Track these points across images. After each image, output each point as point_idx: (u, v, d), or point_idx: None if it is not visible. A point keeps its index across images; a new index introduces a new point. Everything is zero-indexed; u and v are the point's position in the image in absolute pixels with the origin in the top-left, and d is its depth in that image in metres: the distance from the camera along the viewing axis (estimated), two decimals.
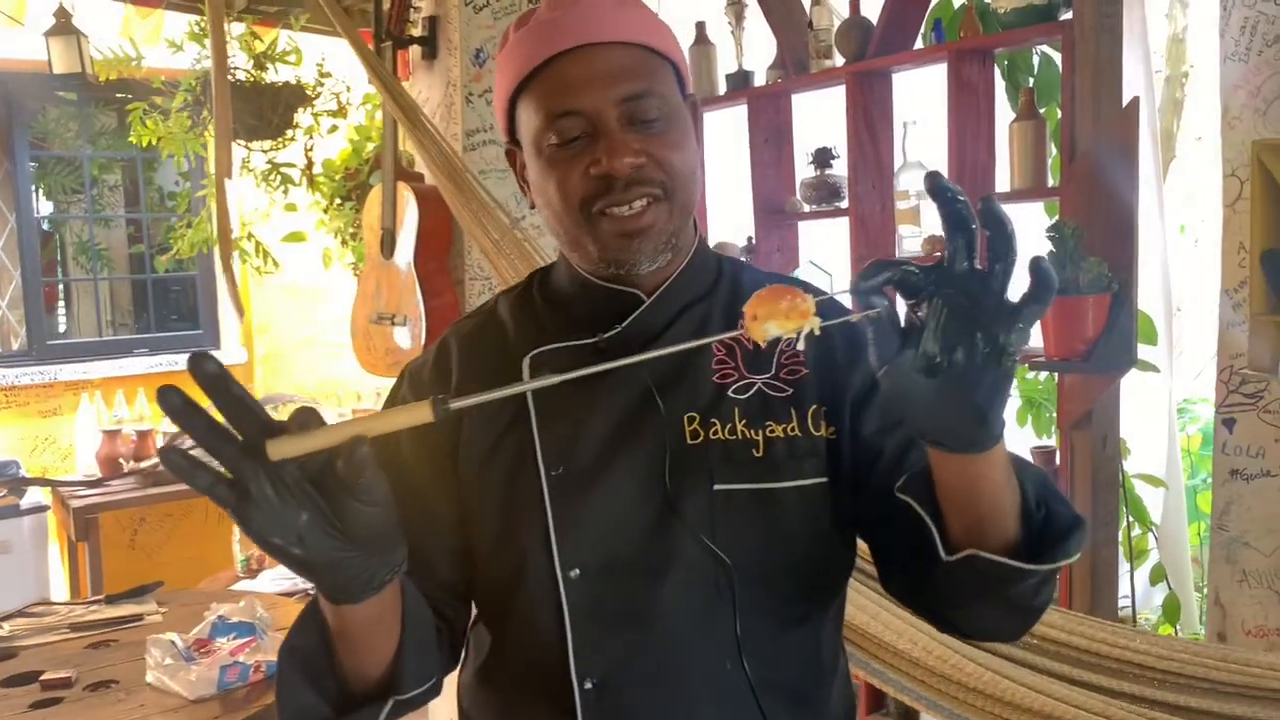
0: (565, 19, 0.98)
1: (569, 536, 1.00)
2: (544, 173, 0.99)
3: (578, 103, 0.96)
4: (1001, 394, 0.77)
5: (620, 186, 0.96)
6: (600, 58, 0.97)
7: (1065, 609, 1.82)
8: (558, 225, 1.02)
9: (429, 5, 2.82)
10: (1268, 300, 2.07)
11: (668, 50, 1.02)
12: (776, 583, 1.01)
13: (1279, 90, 2.16)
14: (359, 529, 0.77)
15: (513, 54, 1.00)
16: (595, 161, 0.96)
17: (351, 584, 0.82)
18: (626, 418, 1.02)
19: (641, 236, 0.98)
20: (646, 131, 0.97)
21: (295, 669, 0.92)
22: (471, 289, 2.80)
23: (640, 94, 0.97)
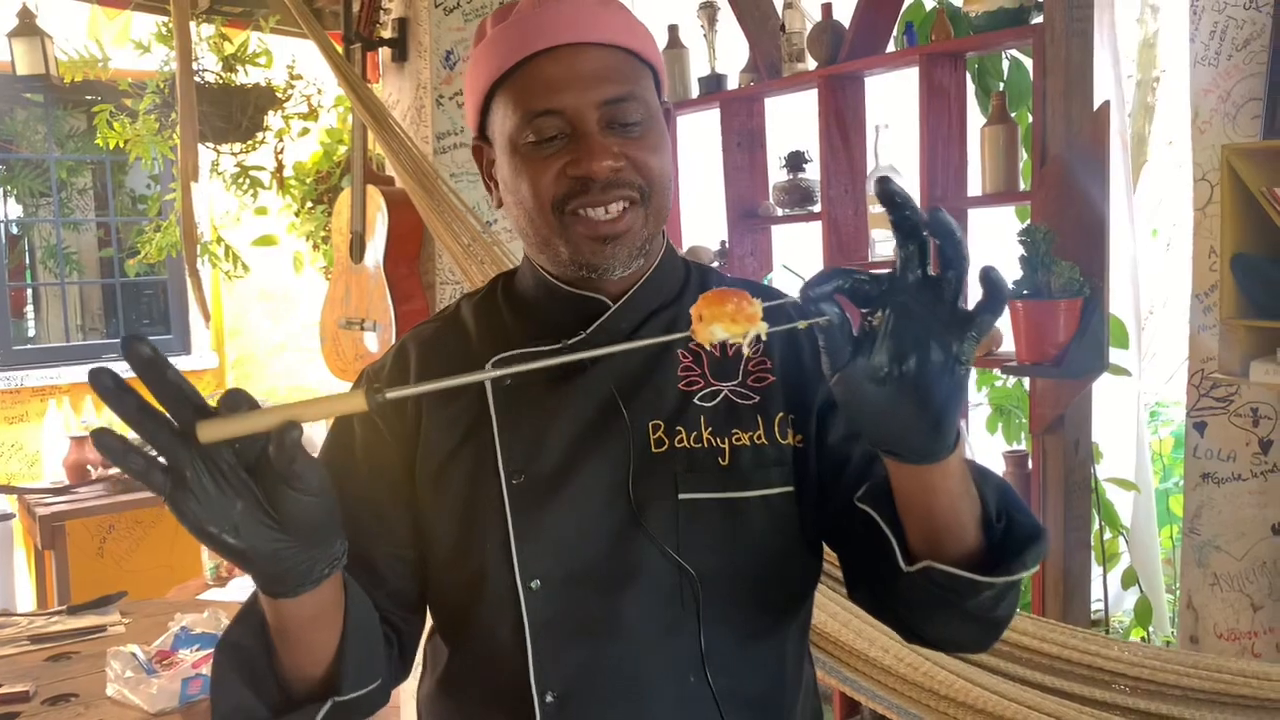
0: (547, 16, 0.95)
1: (530, 546, 0.98)
2: (517, 170, 0.97)
3: (558, 102, 0.94)
4: (954, 403, 0.76)
5: (597, 189, 0.94)
6: (583, 58, 0.95)
7: (1037, 615, 1.82)
8: (527, 225, 0.99)
9: (399, 7, 2.79)
10: (1238, 304, 2.07)
11: (648, 55, 1.00)
12: (741, 594, 1.00)
13: (1248, 94, 2.17)
14: (295, 518, 0.75)
15: (491, 48, 0.98)
16: (573, 162, 0.94)
17: (288, 576, 0.79)
18: (590, 425, 1.00)
19: (616, 241, 0.96)
20: (626, 135, 0.96)
21: (232, 667, 0.89)
22: (443, 293, 2.77)
23: (622, 97, 0.95)
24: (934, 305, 0.72)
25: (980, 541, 0.86)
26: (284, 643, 0.88)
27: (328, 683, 0.90)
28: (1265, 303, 2.04)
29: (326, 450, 1.08)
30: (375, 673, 0.94)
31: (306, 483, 0.74)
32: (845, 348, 0.75)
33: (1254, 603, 2.27)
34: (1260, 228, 2.02)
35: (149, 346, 0.70)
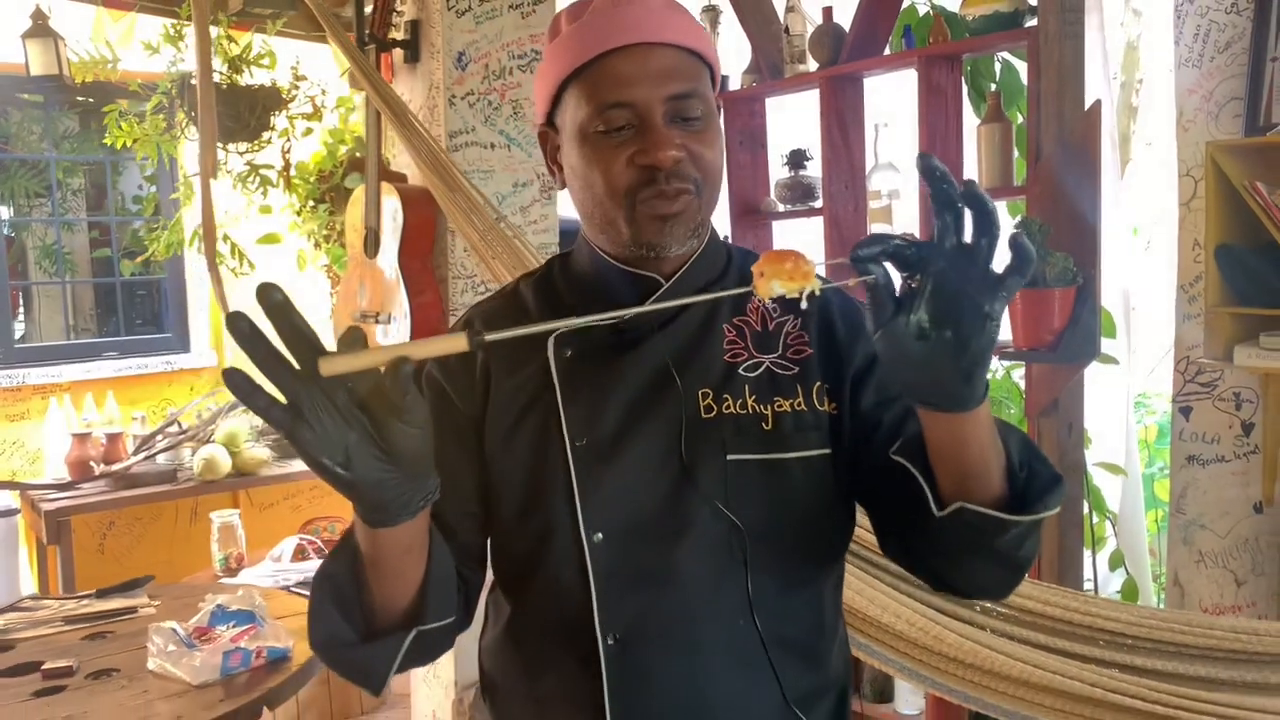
0: (620, 16, 1.05)
1: (593, 502, 1.07)
2: (588, 158, 1.06)
3: (629, 95, 1.03)
4: (985, 356, 0.84)
5: (662, 178, 1.03)
6: (653, 56, 1.04)
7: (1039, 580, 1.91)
8: (594, 207, 1.08)
9: (411, 9, 2.87)
10: (1222, 293, 2.18)
11: (708, 56, 1.09)
12: (784, 545, 1.09)
13: (1230, 94, 2.29)
14: (401, 449, 0.82)
15: (566, 43, 1.07)
16: (641, 152, 1.03)
17: (390, 505, 0.87)
18: (645, 393, 1.10)
19: (674, 220, 1.05)
20: (688, 129, 1.05)
21: (326, 595, 0.98)
22: (455, 287, 2.85)
23: (686, 94, 1.04)
24: (969, 268, 0.80)
25: (1005, 488, 0.94)
26: (377, 572, 0.96)
27: (411, 614, 0.99)
28: (1247, 291, 2.15)
29: None
30: (452, 609, 1.03)
31: (413, 415, 0.80)
32: (889, 306, 0.83)
33: (1237, 578, 2.38)
34: (1242, 220, 2.13)
35: (280, 293, 0.78)
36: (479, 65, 2.84)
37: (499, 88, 2.87)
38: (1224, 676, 1.53)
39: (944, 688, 1.70)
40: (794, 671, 1.10)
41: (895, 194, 2.69)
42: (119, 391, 4.52)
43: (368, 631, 0.99)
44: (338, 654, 0.99)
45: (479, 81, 2.84)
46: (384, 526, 0.90)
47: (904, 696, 2.77)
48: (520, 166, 2.90)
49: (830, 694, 1.14)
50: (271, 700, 1.87)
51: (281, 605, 2.33)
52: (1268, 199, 2.04)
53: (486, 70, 2.85)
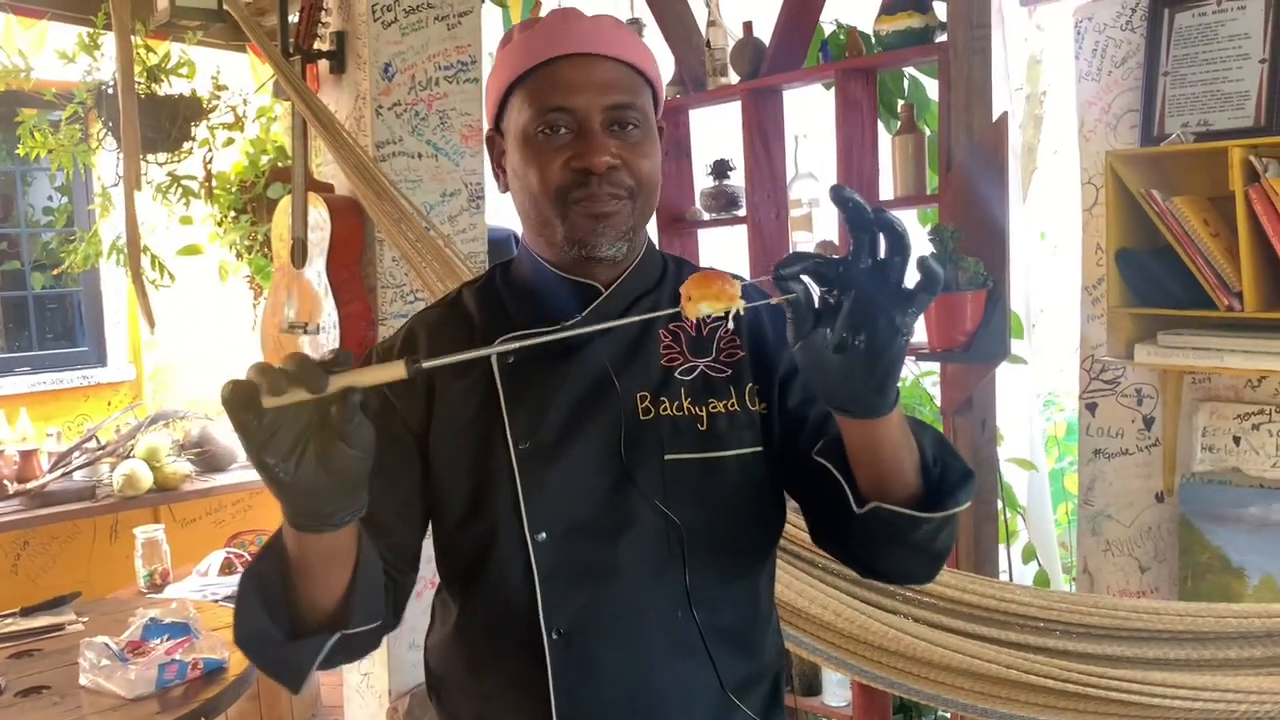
0: (569, 28, 1.11)
1: (536, 503, 1.12)
2: (527, 159, 1.11)
3: (570, 101, 1.09)
4: (897, 367, 0.91)
5: (595, 182, 1.09)
6: (596, 67, 1.10)
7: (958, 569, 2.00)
8: (531, 208, 1.13)
9: (337, 20, 2.87)
10: (1122, 294, 2.29)
11: (652, 76, 1.15)
12: (720, 540, 1.15)
13: (1127, 106, 2.41)
14: (340, 468, 0.86)
15: (516, 49, 1.12)
16: (577, 155, 1.09)
17: (316, 515, 0.90)
18: (586, 397, 1.15)
19: (605, 220, 1.11)
20: (624, 138, 1.11)
21: (253, 593, 1.00)
22: (384, 296, 2.86)
23: (624, 104, 1.10)
24: (882, 285, 0.86)
25: (920, 484, 1.01)
26: (302, 576, 0.99)
27: (336, 617, 1.01)
28: (1146, 292, 2.26)
29: None
30: (377, 614, 1.06)
31: (358, 440, 0.85)
32: (809, 320, 0.89)
33: (1141, 565, 2.50)
34: (1140, 225, 2.25)
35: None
36: (405, 76, 2.86)
37: (426, 98, 2.89)
38: (1128, 654, 1.63)
39: (870, 675, 1.78)
40: (730, 660, 1.16)
41: (815, 202, 2.78)
42: (32, 408, 4.40)
43: (292, 630, 1.01)
44: (261, 650, 1.01)
45: (405, 92, 2.86)
46: (310, 533, 0.93)
47: (831, 689, 2.85)
48: (448, 176, 2.92)
49: (765, 680, 1.20)
50: (209, 711, 1.87)
51: (214, 617, 2.32)
52: (1163, 206, 2.16)
53: (413, 81, 2.87)
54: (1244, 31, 2.21)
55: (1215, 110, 2.24)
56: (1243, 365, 2.11)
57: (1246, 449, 2.29)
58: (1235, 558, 2.29)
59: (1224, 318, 2.13)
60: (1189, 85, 2.28)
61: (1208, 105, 2.25)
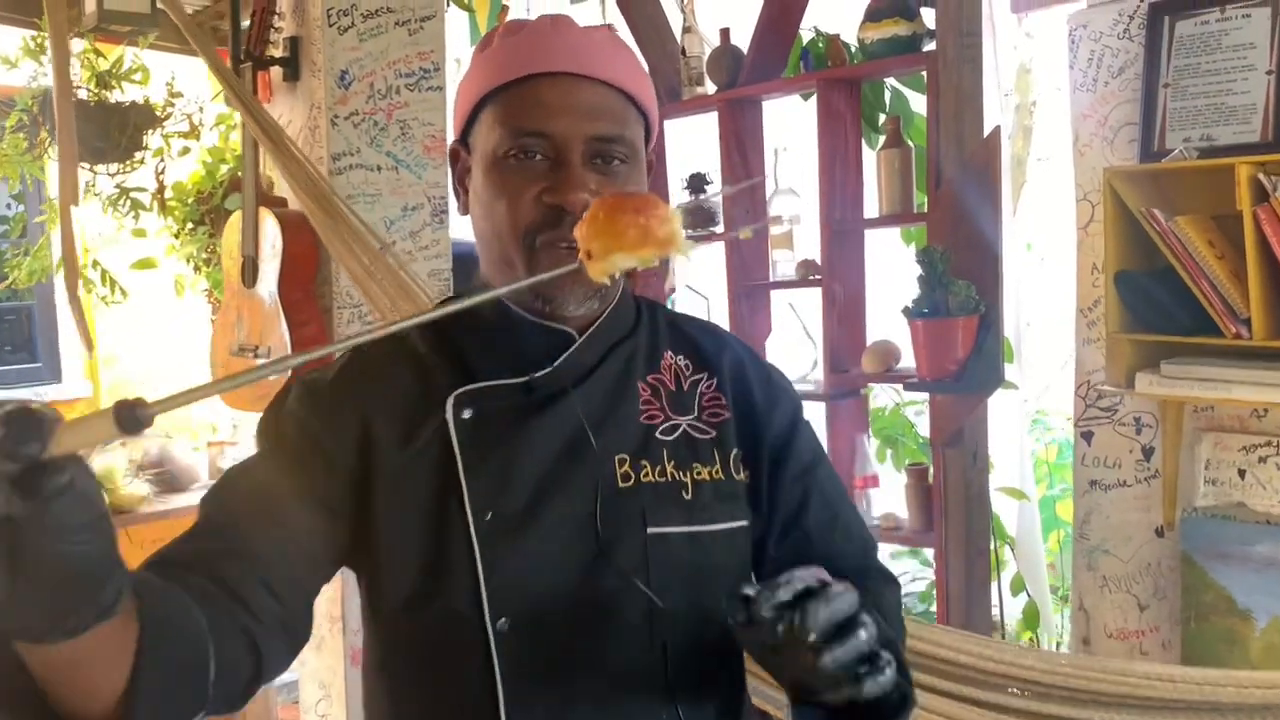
0: (556, 40, 0.95)
1: (499, 585, 0.95)
2: (495, 186, 0.96)
3: (548, 126, 0.94)
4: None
5: (569, 223, 0.92)
6: (582, 90, 0.95)
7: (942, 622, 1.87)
8: (493, 239, 0.98)
9: (291, 25, 2.72)
10: (1122, 319, 2.18)
11: (645, 103, 1.00)
12: (706, 626, 1.00)
13: (1125, 119, 2.29)
14: (53, 571, 0.61)
15: (494, 57, 0.97)
16: (551, 189, 0.94)
17: (36, 629, 0.65)
18: (558, 459, 0.99)
19: (575, 276, 0.93)
20: (607, 174, 0.95)
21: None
22: (340, 317, 2.70)
23: (611, 137, 0.95)
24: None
25: None
26: (50, 684, 0.72)
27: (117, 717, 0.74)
28: (1147, 317, 2.15)
29: (259, 448, 1.03)
30: (190, 707, 0.80)
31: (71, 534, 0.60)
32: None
33: (1140, 603, 2.39)
34: (1140, 246, 2.13)
35: None
36: (364, 84, 2.71)
37: (385, 108, 2.74)
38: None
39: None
40: None
41: (796, 219, 2.65)
42: None
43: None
44: None
45: (364, 101, 2.71)
46: (37, 645, 0.68)
47: None
48: (409, 189, 2.77)
49: None
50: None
51: None
52: (1164, 226, 2.04)
53: (372, 89, 2.72)
54: (1249, 41, 2.11)
55: (1219, 124, 2.13)
56: (1252, 398, 2.00)
57: (1252, 483, 2.18)
58: (1241, 599, 2.18)
59: (1231, 345, 2.03)
60: (1191, 97, 2.17)
61: (1211, 119, 2.14)
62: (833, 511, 1.06)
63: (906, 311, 2.27)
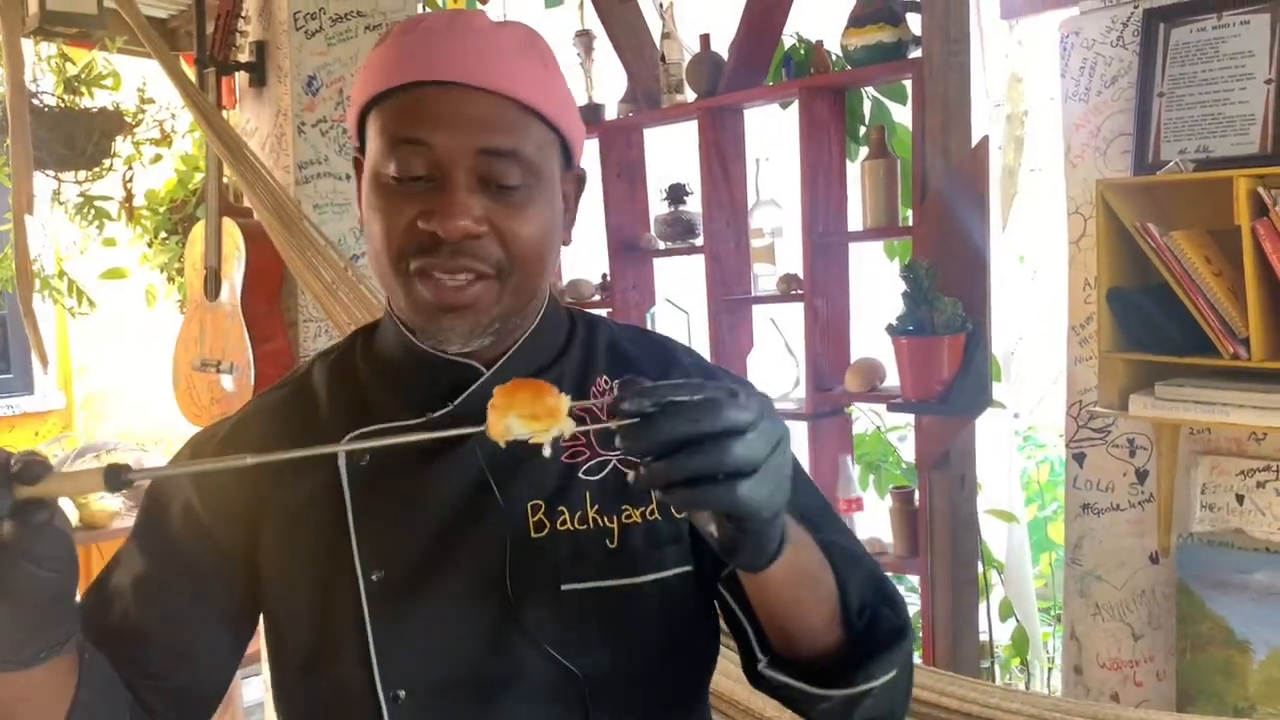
0: (447, 45, 0.84)
1: (392, 653, 0.87)
2: (373, 206, 0.87)
3: (429, 136, 0.83)
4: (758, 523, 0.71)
5: (446, 252, 0.84)
6: (473, 102, 0.84)
7: (930, 661, 1.78)
8: (376, 268, 0.89)
9: (257, 29, 2.65)
10: (1115, 338, 2.10)
11: (555, 116, 0.89)
12: (634, 691, 0.90)
13: (1118, 130, 2.22)
14: (24, 594, 0.69)
15: (384, 57, 0.87)
16: (425, 214, 0.84)
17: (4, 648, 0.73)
18: (461, 508, 0.90)
19: (456, 314, 0.86)
20: (499, 199, 0.85)
21: None
22: (306, 331, 2.62)
23: (504, 151, 0.85)
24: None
25: (839, 637, 0.82)
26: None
27: None
28: (1141, 336, 2.07)
29: (139, 520, 0.97)
30: None
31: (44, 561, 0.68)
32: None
33: (1134, 631, 2.30)
34: (1134, 262, 2.06)
35: None
36: (332, 90, 2.63)
37: None
38: None
39: None
40: None
41: (778, 232, 2.57)
42: None
43: None
44: None
45: (332, 107, 2.63)
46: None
47: None
48: None
49: None
50: None
51: None
52: (1159, 241, 1.96)
53: (340, 95, 2.64)
54: (1248, 49, 2.04)
55: (1216, 135, 2.06)
56: (1251, 421, 1.92)
57: (1251, 508, 2.10)
58: (1239, 629, 2.10)
59: (1228, 366, 1.95)
60: (1187, 107, 2.10)
61: (1208, 130, 2.07)
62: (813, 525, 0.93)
63: (890, 329, 2.19)
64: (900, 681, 0.84)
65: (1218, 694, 2.10)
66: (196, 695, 0.94)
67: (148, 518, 0.96)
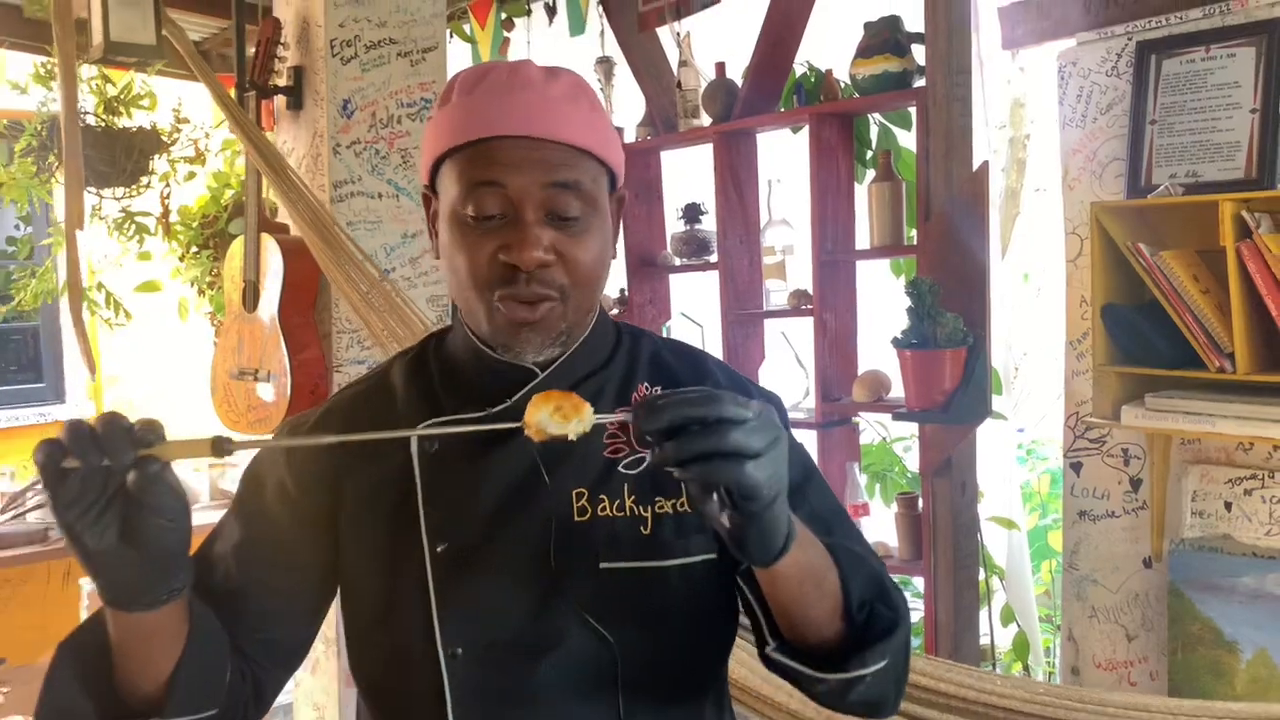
0: (511, 103, 0.97)
1: (452, 615, 0.99)
2: (455, 242, 0.99)
3: (502, 178, 0.96)
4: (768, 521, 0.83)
5: (523, 280, 0.96)
6: (536, 148, 0.97)
7: (930, 653, 1.89)
8: (458, 293, 1.01)
9: (295, 55, 2.77)
10: (1109, 351, 2.20)
11: (603, 151, 1.01)
12: (660, 662, 1.02)
13: (1112, 155, 2.32)
14: (147, 540, 0.83)
15: (452, 115, 0.99)
16: (505, 248, 0.96)
17: (127, 590, 0.86)
18: (515, 493, 1.01)
19: (531, 328, 0.98)
20: (564, 229, 0.97)
21: (68, 665, 0.93)
22: (339, 342, 2.74)
23: (566, 184, 0.97)
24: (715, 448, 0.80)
25: (839, 631, 0.93)
26: (121, 655, 0.92)
27: (152, 703, 0.92)
28: (1133, 350, 2.17)
29: (239, 495, 1.11)
30: (207, 704, 0.96)
31: (166, 510, 0.82)
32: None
33: (1129, 633, 2.39)
34: (1127, 279, 2.16)
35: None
36: (365, 113, 2.76)
37: (387, 136, 2.79)
38: None
39: None
40: None
41: (789, 250, 2.68)
42: None
43: (113, 709, 0.92)
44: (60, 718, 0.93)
45: (365, 130, 2.75)
46: (122, 611, 0.88)
47: None
48: (409, 217, 2.81)
49: None
50: None
51: None
52: (1150, 260, 2.06)
53: (373, 118, 2.76)
54: (1234, 80, 2.13)
55: (1205, 161, 2.16)
56: (1235, 431, 2.01)
57: (1238, 515, 2.19)
58: (1228, 630, 2.19)
59: (1215, 379, 2.04)
60: (1177, 134, 2.20)
61: (1197, 156, 2.17)
62: (826, 527, 1.04)
63: (896, 342, 2.30)
64: (891, 670, 0.95)
65: (1207, 692, 2.17)
66: (284, 648, 1.07)
67: (246, 492, 1.09)
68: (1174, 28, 2.21)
